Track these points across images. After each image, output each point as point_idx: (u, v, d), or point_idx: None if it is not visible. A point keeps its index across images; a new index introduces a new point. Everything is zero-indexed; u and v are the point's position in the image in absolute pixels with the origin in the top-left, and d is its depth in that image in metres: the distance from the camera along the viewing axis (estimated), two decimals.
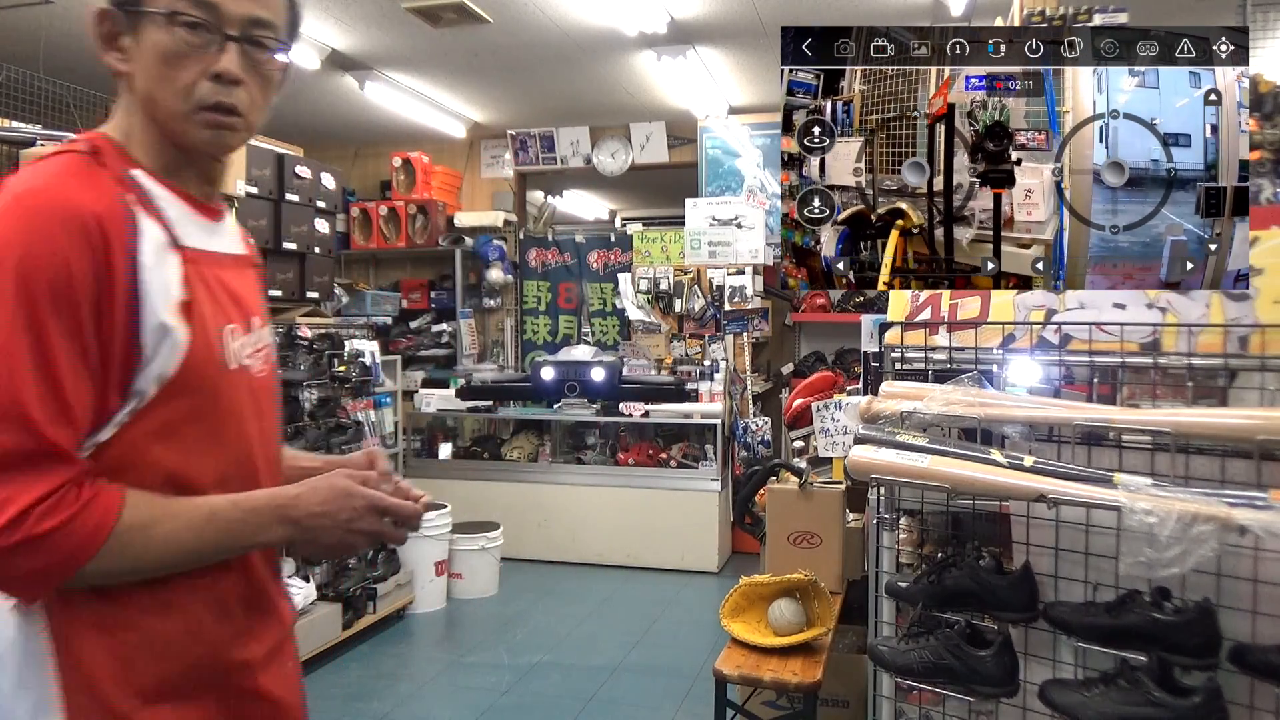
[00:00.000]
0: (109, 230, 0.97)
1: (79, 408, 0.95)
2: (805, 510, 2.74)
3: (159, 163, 1.07)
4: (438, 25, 4.55)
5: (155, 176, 1.06)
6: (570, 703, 3.52)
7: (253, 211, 3.81)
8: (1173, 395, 1.79)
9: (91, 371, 0.96)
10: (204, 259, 1.09)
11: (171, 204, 1.06)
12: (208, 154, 1.10)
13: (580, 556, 4.29)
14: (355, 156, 7.18)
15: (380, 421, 4.73)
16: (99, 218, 0.96)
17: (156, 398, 1.01)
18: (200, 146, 1.07)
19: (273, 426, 1.22)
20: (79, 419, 0.95)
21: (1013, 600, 1.76)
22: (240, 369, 1.12)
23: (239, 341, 1.12)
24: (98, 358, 0.96)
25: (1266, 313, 1.74)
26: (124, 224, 0.98)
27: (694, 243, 5.76)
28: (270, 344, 1.23)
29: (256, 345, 1.17)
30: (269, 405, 1.20)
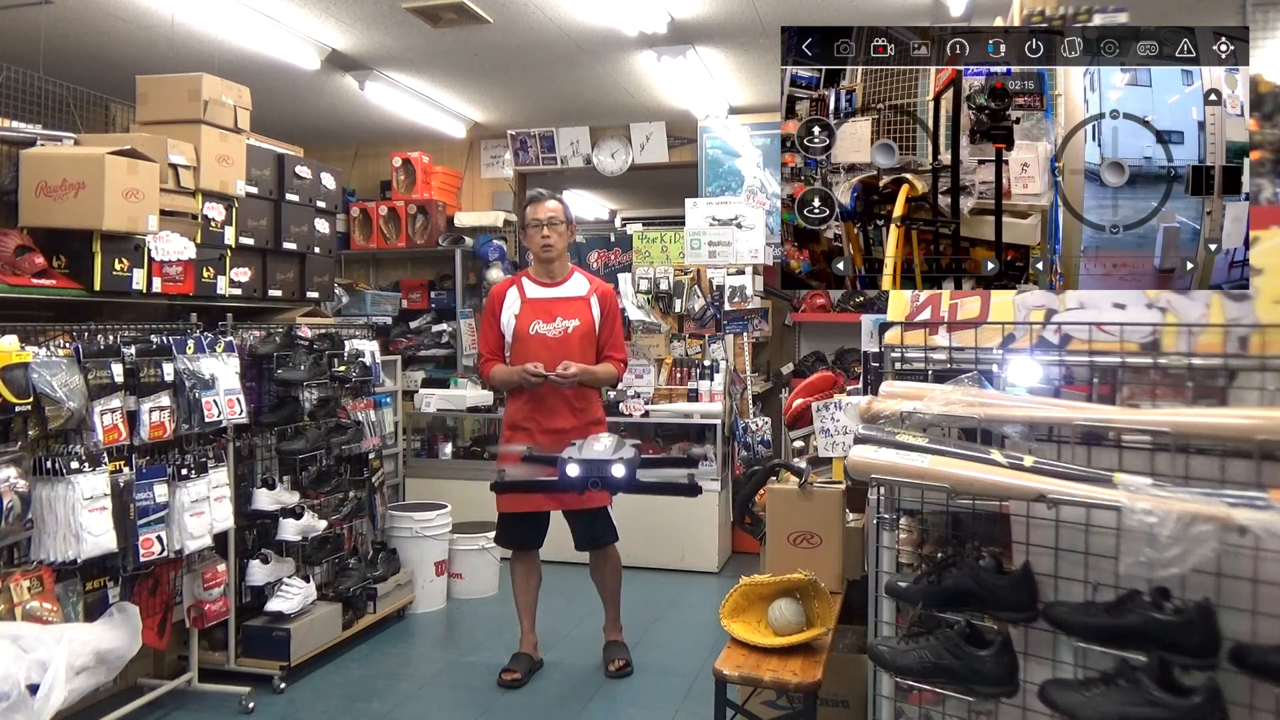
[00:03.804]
0: (500, 293, 3.77)
1: (494, 345, 3.75)
2: (805, 510, 2.74)
3: (534, 268, 3.79)
4: (438, 25, 4.55)
5: (527, 274, 3.79)
6: (570, 703, 3.52)
7: (253, 211, 3.81)
8: (1173, 395, 1.79)
9: (496, 335, 3.73)
10: (538, 299, 3.71)
11: (529, 283, 3.76)
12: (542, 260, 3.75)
13: (580, 556, 4.29)
14: (355, 156, 7.18)
15: (380, 421, 4.72)
16: (502, 290, 3.78)
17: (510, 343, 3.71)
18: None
19: (557, 353, 3.61)
20: (496, 349, 3.74)
21: (1013, 600, 1.76)
22: (537, 334, 3.64)
23: (540, 326, 3.65)
24: (497, 331, 3.72)
25: (1266, 313, 1.74)
26: (505, 290, 3.76)
27: (694, 243, 5.76)
28: (567, 327, 3.65)
29: (556, 329, 3.65)
30: (555, 346, 3.62)
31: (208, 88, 3.55)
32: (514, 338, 3.68)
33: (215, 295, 3.65)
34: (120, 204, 3.05)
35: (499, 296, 3.74)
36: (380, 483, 4.57)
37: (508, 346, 3.70)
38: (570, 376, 3.53)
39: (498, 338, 3.72)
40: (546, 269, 3.73)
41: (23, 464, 2.65)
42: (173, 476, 3.14)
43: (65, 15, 4.36)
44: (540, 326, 3.64)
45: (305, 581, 3.82)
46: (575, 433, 3.47)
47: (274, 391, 3.82)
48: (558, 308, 3.67)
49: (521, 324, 3.66)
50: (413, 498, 5.39)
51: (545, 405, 3.61)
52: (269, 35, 4.54)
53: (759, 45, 4.94)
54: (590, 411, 3.69)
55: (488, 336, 3.77)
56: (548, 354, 3.59)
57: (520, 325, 3.66)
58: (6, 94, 3.46)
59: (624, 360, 3.81)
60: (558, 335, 3.63)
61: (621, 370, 3.80)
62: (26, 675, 2.34)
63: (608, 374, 3.72)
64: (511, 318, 3.68)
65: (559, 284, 3.73)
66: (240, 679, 3.55)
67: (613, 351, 3.73)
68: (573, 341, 3.63)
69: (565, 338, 3.63)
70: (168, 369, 3.13)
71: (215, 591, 3.41)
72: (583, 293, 3.73)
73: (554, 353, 3.59)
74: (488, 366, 3.75)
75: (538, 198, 3.73)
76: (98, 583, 2.96)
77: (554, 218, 3.67)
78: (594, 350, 3.70)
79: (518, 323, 3.67)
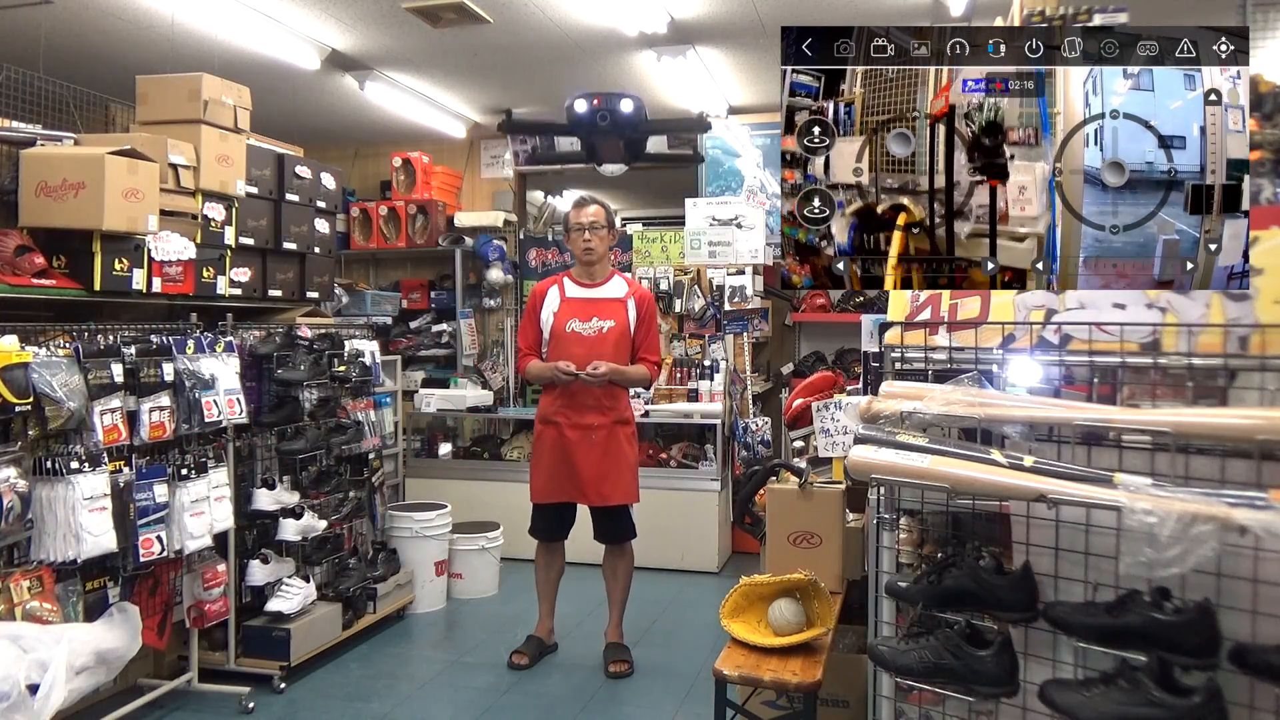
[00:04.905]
0: (542, 291, 3.90)
1: (533, 340, 3.88)
2: (805, 510, 2.74)
3: (576, 270, 3.94)
4: (438, 25, 4.55)
5: (569, 275, 3.93)
6: (570, 703, 3.52)
7: (253, 211, 3.81)
8: (1173, 395, 1.79)
9: (535, 330, 3.87)
10: (577, 299, 3.84)
11: (570, 283, 3.90)
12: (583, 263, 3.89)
13: (580, 556, 4.29)
14: (355, 156, 7.18)
15: (380, 421, 4.72)
16: (544, 288, 3.90)
17: (548, 339, 3.83)
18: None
19: (592, 352, 3.73)
20: (534, 344, 3.87)
21: (1013, 600, 1.76)
22: (573, 332, 3.76)
23: (576, 324, 3.78)
24: (536, 327, 3.85)
25: (1266, 313, 1.74)
26: (547, 289, 3.89)
27: (694, 243, 5.76)
28: (603, 327, 3.77)
29: (591, 328, 3.77)
30: (590, 344, 3.74)
31: (208, 88, 3.55)
32: (551, 335, 3.82)
33: (215, 295, 3.65)
34: (120, 204, 3.05)
35: (540, 294, 3.88)
36: (380, 483, 4.57)
37: (545, 343, 3.85)
38: (599, 376, 3.65)
39: (536, 334, 3.87)
40: (588, 271, 3.87)
41: (23, 464, 2.65)
42: (173, 476, 3.14)
43: (65, 15, 4.36)
44: (576, 325, 3.78)
45: (305, 581, 3.82)
46: (601, 430, 3.73)
47: (274, 391, 3.82)
48: (595, 308, 3.81)
49: (559, 322, 3.80)
50: (413, 498, 5.39)
51: (575, 401, 3.75)
52: (269, 35, 4.54)
53: (759, 45, 4.94)
54: (618, 410, 3.81)
55: (527, 332, 3.91)
56: (582, 352, 3.72)
57: (558, 323, 3.80)
58: (6, 94, 3.45)
59: (658, 363, 3.91)
60: (593, 334, 3.77)
61: (655, 373, 3.91)
62: (26, 675, 2.34)
63: (639, 375, 3.83)
64: (550, 315, 3.83)
65: (598, 285, 3.87)
66: (240, 679, 3.55)
67: (647, 354, 3.84)
68: (607, 341, 3.76)
69: (600, 337, 3.76)
70: (168, 369, 3.13)
71: (215, 591, 3.41)
72: (620, 295, 3.86)
73: (588, 351, 3.73)
74: (524, 361, 3.91)
75: (581, 203, 3.89)
76: (98, 583, 2.96)
77: (595, 222, 3.80)
78: (628, 351, 3.82)
79: (555, 320, 3.81)
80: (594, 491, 3.75)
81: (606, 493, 3.75)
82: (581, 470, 3.73)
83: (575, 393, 3.74)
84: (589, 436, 3.73)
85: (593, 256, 3.82)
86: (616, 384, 3.78)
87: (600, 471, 3.73)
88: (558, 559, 4.00)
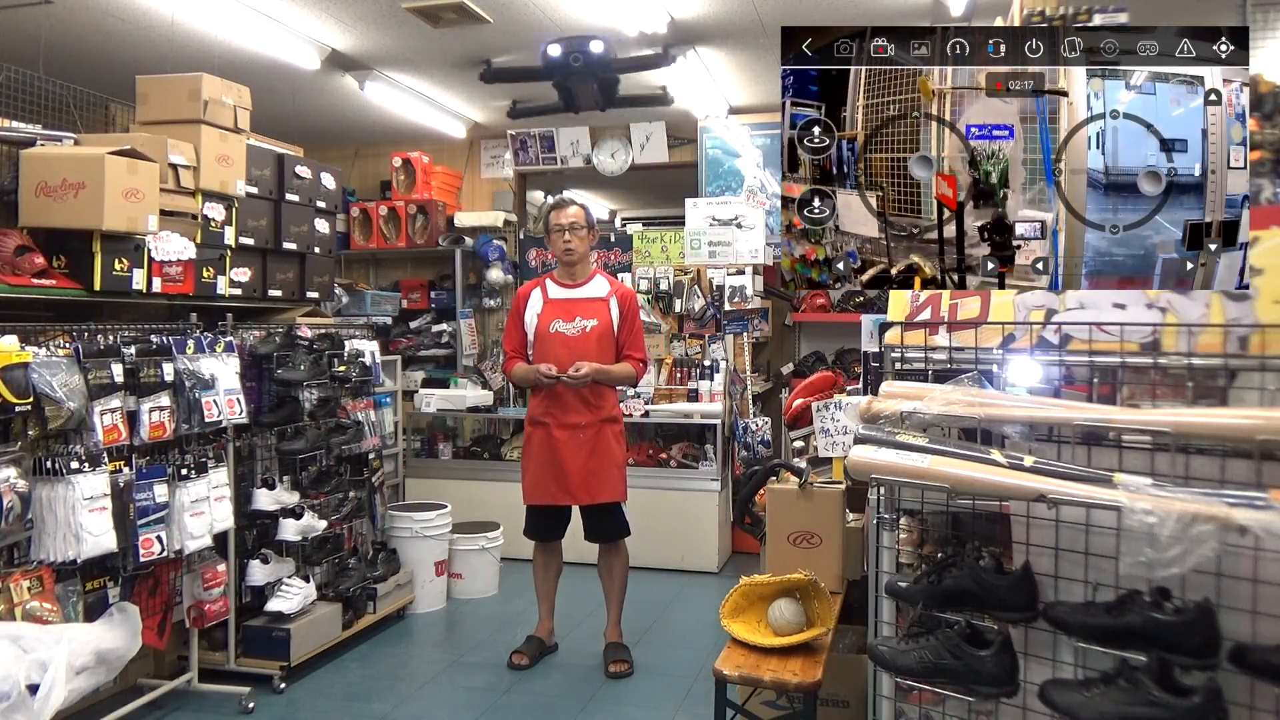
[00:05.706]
0: (525, 294, 3.92)
1: (517, 343, 3.91)
2: (805, 510, 2.74)
3: (557, 271, 3.95)
4: (438, 25, 4.55)
5: (551, 276, 3.94)
6: (570, 703, 3.52)
7: (253, 211, 3.81)
8: (1173, 395, 1.79)
9: (519, 333, 3.89)
10: (559, 300, 3.85)
11: (552, 284, 3.91)
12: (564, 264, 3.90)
13: (580, 556, 4.29)
14: (355, 156, 7.18)
15: (380, 421, 4.72)
16: (527, 290, 3.92)
17: (533, 341, 3.85)
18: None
19: (575, 351, 3.74)
20: (519, 347, 3.89)
21: (1013, 600, 1.76)
22: (556, 333, 3.78)
23: (559, 325, 3.79)
24: (520, 330, 3.88)
25: (1266, 313, 1.74)
26: (530, 291, 3.92)
27: (694, 243, 5.76)
28: (586, 326, 3.78)
29: (575, 328, 3.78)
30: (574, 344, 3.76)
31: (208, 88, 3.55)
32: (535, 336, 3.84)
33: (215, 295, 3.65)
34: (120, 204, 3.05)
35: (523, 297, 3.92)
36: (380, 483, 4.57)
37: (530, 345, 3.86)
38: (581, 377, 3.67)
39: (521, 336, 3.89)
40: (569, 271, 3.89)
41: (23, 464, 2.65)
42: (173, 476, 3.14)
43: (65, 15, 4.36)
44: (560, 325, 3.80)
45: (305, 581, 3.82)
46: (589, 429, 3.76)
47: (274, 391, 3.82)
48: (577, 308, 3.83)
49: (542, 323, 3.82)
50: (413, 498, 5.39)
51: (562, 402, 3.77)
52: (269, 35, 4.54)
53: (759, 45, 4.94)
54: (605, 409, 3.83)
55: (512, 335, 3.93)
56: (566, 352, 3.75)
57: (541, 324, 3.82)
58: (6, 94, 3.45)
59: (643, 360, 3.91)
60: (576, 334, 3.79)
61: (641, 370, 3.90)
62: (26, 675, 2.34)
63: (625, 373, 3.83)
64: (534, 317, 3.85)
65: (580, 285, 3.89)
66: (240, 679, 3.55)
67: (632, 351, 3.85)
68: (590, 340, 3.77)
69: (584, 337, 3.78)
70: (168, 369, 3.12)
71: (215, 591, 3.41)
72: (603, 294, 3.87)
73: (572, 351, 3.75)
74: (510, 364, 3.93)
75: (560, 204, 3.92)
76: (98, 583, 2.96)
77: (575, 223, 3.82)
78: (613, 350, 3.83)
79: (539, 322, 3.83)
80: (582, 490, 3.76)
81: (594, 491, 3.77)
82: (569, 469, 3.74)
83: (562, 393, 3.76)
84: (576, 435, 3.75)
85: (573, 257, 3.83)
86: (602, 383, 3.79)
87: (588, 470, 3.75)
88: (555, 559, 4.00)
